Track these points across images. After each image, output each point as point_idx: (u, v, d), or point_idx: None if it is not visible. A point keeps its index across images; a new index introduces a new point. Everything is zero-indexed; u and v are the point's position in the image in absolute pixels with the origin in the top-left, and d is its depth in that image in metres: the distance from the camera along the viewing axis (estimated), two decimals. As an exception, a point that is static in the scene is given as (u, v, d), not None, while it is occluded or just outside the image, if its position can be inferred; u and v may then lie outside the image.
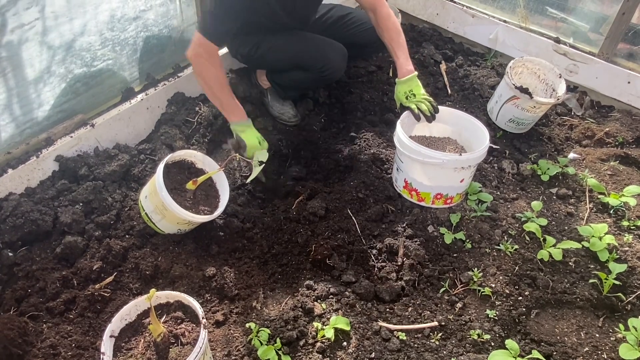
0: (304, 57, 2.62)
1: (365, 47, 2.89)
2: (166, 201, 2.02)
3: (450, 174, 2.25)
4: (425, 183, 2.30)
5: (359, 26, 2.79)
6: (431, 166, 2.23)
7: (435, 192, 2.31)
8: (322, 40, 2.64)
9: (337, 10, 2.87)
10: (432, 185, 2.29)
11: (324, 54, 2.60)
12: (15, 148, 2.30)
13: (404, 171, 2.35)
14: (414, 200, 2.38)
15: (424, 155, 2.21)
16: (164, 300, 1.74)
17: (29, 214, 2.11)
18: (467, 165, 2.24)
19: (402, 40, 2.54)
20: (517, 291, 2.03)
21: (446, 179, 2.27)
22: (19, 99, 2.25)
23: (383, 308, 2.01)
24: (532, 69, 2.89)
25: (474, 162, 2.26)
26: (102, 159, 2.41)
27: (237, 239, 2.27)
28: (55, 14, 2.22)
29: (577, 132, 2.89)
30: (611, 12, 2.96)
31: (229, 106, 2.43)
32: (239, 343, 1.84)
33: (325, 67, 2.59)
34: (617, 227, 2.31)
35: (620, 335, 1.89)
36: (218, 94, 2.40)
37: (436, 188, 2.30)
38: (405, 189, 2.39)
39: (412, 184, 2.34)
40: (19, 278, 2.02)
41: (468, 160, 2.22)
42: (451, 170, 2.23)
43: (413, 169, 2.30)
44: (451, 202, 2.36)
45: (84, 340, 1.85)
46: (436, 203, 2.35)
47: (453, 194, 2.33)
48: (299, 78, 2.68)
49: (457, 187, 2.31)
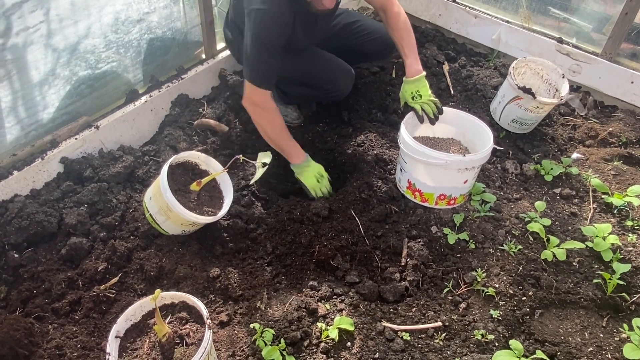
0: (312, 77, 2.64)
1: (371, 56, 2.89)
2: (170, 202, 2.03)
3: (453, 175, 2.25)
4: (428, 184, 2.30)
5: (365, 35, 2.79)
6: (435, 167, 2.23)
7: (439, 192, 2.31)
8: (331, 61, 2.64)
9: (344, 16, 2.85)
10: (436, 186, 2.29)
11: (333, 76, 2.61)
12: (21, 150, 2.32)
13: (407, 172, 2.35)
14: (418, 200, 2.39)
15: (428, 156, 2.21)
16: (169, 301, 1.74)
17: (34, 216, 2.12)
18: (470, 166, 2.24)
19: (412, 40, 2.53)
20: (521, 291, 2.03)
21: (450, 180, 2.27)
22: (24, 102, 2.27)
23: (387, 308, 2.01)
24: (535, 69, 2.89)
25: (478, 163, 2.26)
26: (107, 161, 2.43)
27: (241, 240, 2.28)
28: (59, 17, 2.23)
29: (581, 132, 2.89)
30: (614, 12, 2.96)
31: (287, 149, 2.45)
32: (243, 343, 1.85)
33: (333, 89, 2.62)
34: (621, 227, 2.31)
35: (625, 335, 1.89)
36: (275, 139, 2.42)
37: (440, 189, 2.30)
38: (408, 190, 2.39)
39: (415, 185, 2.34)
40: (25, 279, 2.03)
41: (472, 161, 2.22)
42: (455, 171, 2.23)
43: (417, 170, 2.30)
44: (454, 203, 2.36)
45: (90, 341, 1.86)
46: (439, 204, 2.35)
47: (456, 194, 2.33)
48: (305, 94, 2.70)
49: (461, 188, 2.32)
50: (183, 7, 2.78)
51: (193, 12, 2.84)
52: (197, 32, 2.92)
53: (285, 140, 2.44)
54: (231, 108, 2.84)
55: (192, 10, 2.82)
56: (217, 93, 2.93)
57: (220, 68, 2.97)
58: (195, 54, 2.98)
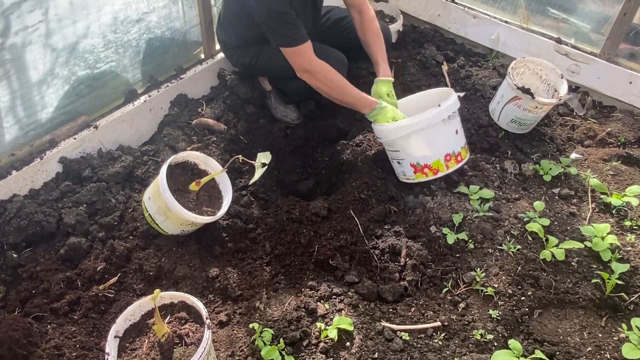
0: None
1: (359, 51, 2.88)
2: (169, 202, 2.03)
3: (443, 130, 2.32)
4: (429, 153, 2.34)
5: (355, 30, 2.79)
6: (424, 132, 2.29)
7: (443, 154, 2.35)
8: (322, 47, 2.63)
9: (335, 12, 2.91)
10: (436, 151, 2.34)
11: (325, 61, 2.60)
12: (19, 150, 2.32)
13: (405, 158, 2.39)
14: (431, 176, 2.40)
15: (412, 126, 2.27)
16: (168, 301, 1.74)
17: (33, 216, 2.12)
18: (451, 112, 2.32)
19: (384, 46, 2.66)
20: (519, 291, 2.03)
21: (443, 137, 2.34)
22: (22, 101, 2.27)
23: (386, 308, 2.02)
24: (534, 69, 2.90)
25: (455, 107, 2.35)
26: (106, 161, 2.42)
27: (241, 240, 2.28)
28: (58, 17, 2.23)
29: (579, 132, 2.89)
30: (612, 12, 2.97)
31: (355, 102, 2.46)
32: (242, 343, 1.85)
33: None
34: (620, 227, 2.31)
35: (623, 335, 1.90)
36: (338, 97, 2.47)
37: (440, 151, 2.34)
38: (417, 173, 2.41)
39: (419, 162, 2.37)
40: (24, 279, 2.03)
41: (448, 106, 2.30)
42: (441, 125, 2.29)
43: (410, 148, 2.34)
44: (462, 159, 2.41)
45: (89, 341, 1.86)
46: (451, 166, 2.38)
47: (458, 149, 2.38)
48: (300, 86, 2.69)
49: (457, 140, 2.39)
50: (182, 7, 2.77)
51: (192, 12, 2.83)
52: (196, 32, 2.91)
53: (349, 95, 2.45)
54: (230, 108, 2.84)
55: (191, 10, 2.82)
56: (216, 93, 2.93)
57: (219, 68, 2.97)
58: (194, 54, 2.98)
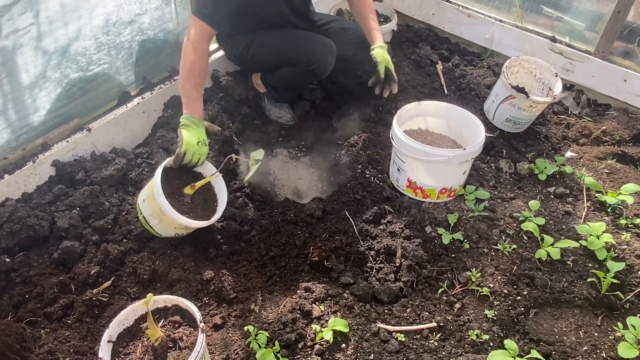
0: (290, 50, 2.63)
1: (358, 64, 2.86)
2: (163, 206, 2.01)
3: (454, 169, 2.30)
4: (430, 181, 2.34)
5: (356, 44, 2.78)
6: (436, 164, 2.27)
7: (441, 187, 2.36)
8: (309, 35, 2.68)
9: (338, 22, 2.91)
10: (437, 182, 2.34)
11: (310, 47, 2.61)
12: (12, 153, 2.30)
13: (406, 171, 2.38)
14: (419, 197, 2.41)
15: (429, 155, 2.26)
16: (162, 305, 1.73)
17: (25, 220, 2.11)
18: (470, 157, 2.31)
19: (375, 15, 2.74)
20: (515, 291, 2.03)
21: (451, 174, 2.33)
22: (14, 105, 2.25)
23: (381, 309, 2.01)
24: (529, 68, 2.90)
25: (476, 154, 2.34)
26: (99, 164, 2.41)
27: (235, 242, 2.27)
28: (49, 19, 2.21)
29: (574, 130, 2.89)
30: (606, 10, 2.97)
31: (189, 97, 2.27)
32: (237, 346, 1.84)
33: (312, 61, 2.59)
34: (615, 225, 2.31)
35: (619, 333, 1.89)
36: (184, 81, 2.29)
37: (441, 183, 2.34)
38: (409, 188, 2.41)
39: (416, 183, 2.37)
40: (17, 284, 2.01)
41: (471, 153, 2.29)
42: (455, 165, 2.28)
43: (417, 169, 2.33)
44: (454, 194, 2.42)
45: (82, 346, 1.85)
46: (441, 197, 2.40)
47: (456, 186, 2.39)
48: (289, 75, 2.69)
49: (460, 179, 2.39)
50: (175, 8, 2.76)
51: (185, 13, 2.82)
52: (189, 33, 2.90)
53: (191, 88, 2.28)
54: (224, 109, 2.82)
55: (184, 11, 2.81)
56: (210, 94, 2.91)
57: (213, 69, 2.96)
58: (188, 55, 2.97)
